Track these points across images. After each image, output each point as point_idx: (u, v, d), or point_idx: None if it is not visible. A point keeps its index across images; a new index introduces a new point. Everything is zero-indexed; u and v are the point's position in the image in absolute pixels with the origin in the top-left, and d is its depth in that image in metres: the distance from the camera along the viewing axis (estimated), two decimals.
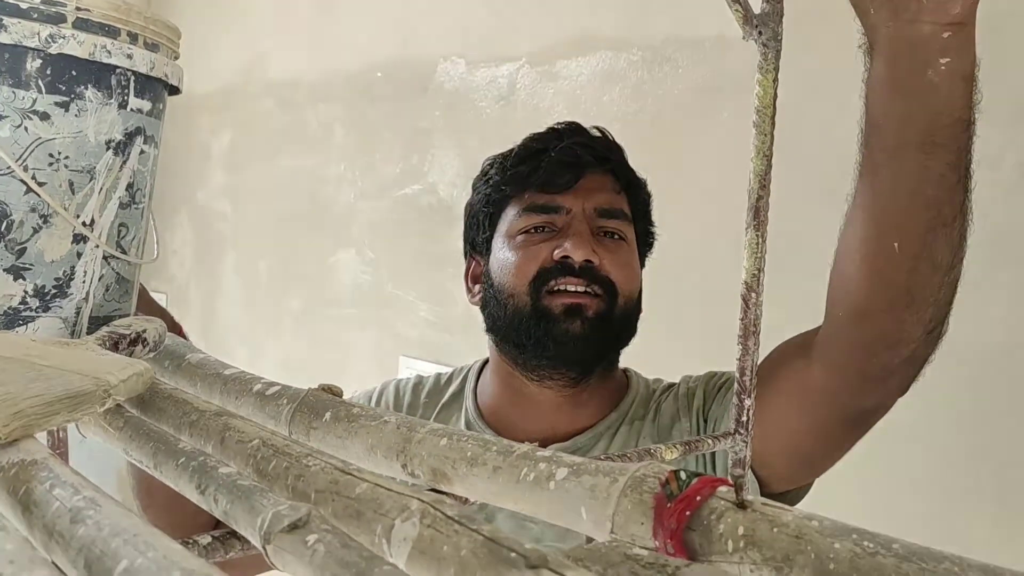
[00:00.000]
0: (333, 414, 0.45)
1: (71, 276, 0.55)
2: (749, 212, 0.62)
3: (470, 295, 1.02)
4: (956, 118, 0.63)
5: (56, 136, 0.53)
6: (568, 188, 0.92)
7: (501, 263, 0.93)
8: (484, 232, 0.98)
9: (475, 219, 1.00)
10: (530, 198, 0.93)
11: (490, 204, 0.97)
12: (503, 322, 0.93)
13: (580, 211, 0.92)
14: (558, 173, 0.92)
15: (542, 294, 0.89)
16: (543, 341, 0.89)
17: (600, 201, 0.93)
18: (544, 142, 0.95)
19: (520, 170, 0.94)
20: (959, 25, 0.60)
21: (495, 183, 0.96)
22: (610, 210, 0.94)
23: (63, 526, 0.27)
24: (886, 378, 0.75)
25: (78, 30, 0.53)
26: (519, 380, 0.95)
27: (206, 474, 0.34)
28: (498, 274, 0.94)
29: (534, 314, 0.89)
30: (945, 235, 0.67)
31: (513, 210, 0.94)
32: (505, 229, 0.95)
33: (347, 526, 0.31)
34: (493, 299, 0.94)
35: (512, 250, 0.93)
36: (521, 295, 0.90)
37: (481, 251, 0.99)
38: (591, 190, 0.93)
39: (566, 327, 0.88)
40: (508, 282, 0.92)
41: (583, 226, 0.91)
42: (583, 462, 0.35)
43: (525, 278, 0.90)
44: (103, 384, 0.40)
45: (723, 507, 0.30)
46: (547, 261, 0.90)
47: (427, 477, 0.40)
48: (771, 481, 0.87)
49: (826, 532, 0.28)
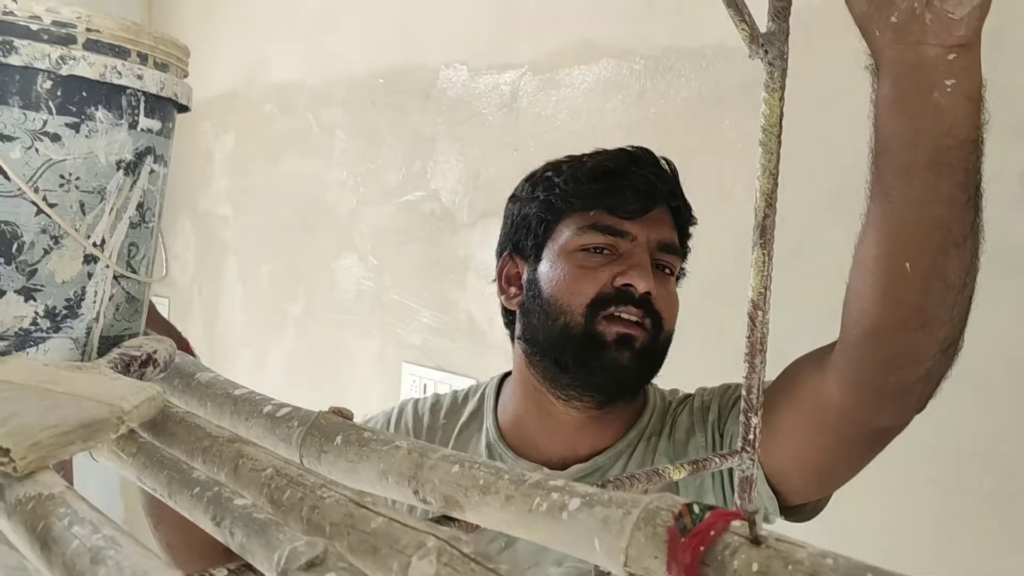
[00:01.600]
0: (344, 438, 0.46)
1: (82, 297, 0.55)
2: (755, 231, 0.62)
3: (504, 295, 0.99)
4: (964, 139, 0.63)
5: (67, 157, 0.53)
6: (637, 216, 0.91)
7: (555, 277, 0.91)
8: (535, 238, 0.95)
9: (526, 222, 0.97)
10: (596, 217, 0.91)
11: (550, 212, 0.94)
12: (547, 336, 0.91)
13: (645, 241, 0.91)
14: (631, 199, 0.91)
15: (598, 318, 0.88)
16: (590, 366, 0.89)
17: (663, 235, 0.93)
18: (618, 163, 0.93)
19: (593, 187, 0.92)
20: (964, 47, 0.60)
21: (561, 192, 0.93)
22: (670, 245, 0.93)
23: (83, 565, 0.27)
24: (902, 396, 0.75)
25: (88, 51, 0.53)
26: (545, 397, 0.94)
27: (221, 506, 0.34)
28: (549, 286, 0.91)
29: (585, 337, 0.88)
30: (956, 255, 0.67)
31: (575, 224, 0.92)
32: (563, 242, 0.92)
33: (363, 561, 0.31)
34: (540, 311, 0.92)
35: (570, 266, 0.91)
36: (575, 315, 0.89)
37: (526, 255, 0.96)
38: (656, 222, 0.92)
39: (616, 356, 0.88)
40: (563, 299, 0.90)
41: (646, 257, 0.90)
42: (596, 492, 0.36)
43: (583, 298, 0.89)
44: (117, 411, 0.40)
45: (737, 542, 0.30)
46: (607, 286, 0.89)
47: (439, 504, 0.40)
48: (789, 495, 0.87)
49: (840, 570, 0.28)
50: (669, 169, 0.97)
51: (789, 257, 1.25)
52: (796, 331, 0.85)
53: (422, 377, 1.89)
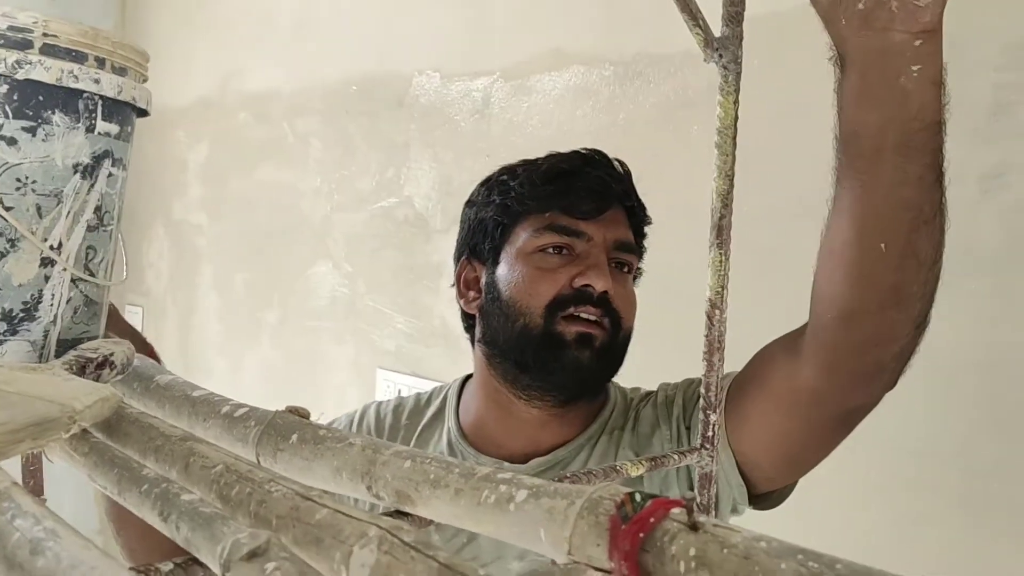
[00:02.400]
0: (300, 436, 0.46)
1: (39, 299, 0.55)
2: (712, 231, 0.63)
3: (463, 299, 1.00)
4: (930, 121, 0.65)
5: (23, 161, 0.53)
6: (592, 217, 0.91)
7: (513, 279, 0.92)
8: (492, 241, 0.95)
9: (483, 226, 0.97)
10: (552, 218, 0.92)
11: (506, 215, 0.95)
12: (507, 338, 0.91)
13: (601, 241, 0.92)
14: (586, 199, 0.91)
15: (557, 319, 0.89)
16: (550, 366, 0.89)
17: (619, 234, 0.93)
18: (572, 164, 0.94)
19: (547, 189, 0.92)
20: (929, 32, 0.61)
21: (517, 195, 0.94)
22: (627, 244, 0.94)
23: (23, 557, 0.27)
24: (877, 375, 0.76)
25: (45, 56, 0.53)
26: (506, 396, 0.95)
27: (168, 501, 0.35)
28: (508, 289, 0.92)
29: (545, 337, 0.89)
30: (927, 232, 0.68)
31: (531, 226, 0.93)
32: (520, 244, 0.93)
33: (307, 553, 0.31)
34: (499, 313, 0.92)
35: (528, 268, 0.91)
36: (534, 316, 0.89)
37: (484, 259, 0.97)
38: (612, 222, 0.93)
39: (577, 355, 0.88)
40: (521, 301, 0.90)
41: (603, 257, 0.91)
42: (543, 484, 0.36)
43: (542, 299, 0.89)
44: (68, 410, 0.40)
45: (676, 528, 0.31)
46: (565, 287, 0.89)
47: (391, 499, 0.41)
48: (758, 482, 0.88)
49: (773, 553, 0.29)
50: (622, 170, 0.97)
51: (762, 261, 1.26)
52: (769, 332, 0.86)
53: (396, 383, 1.89)
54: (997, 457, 1.09)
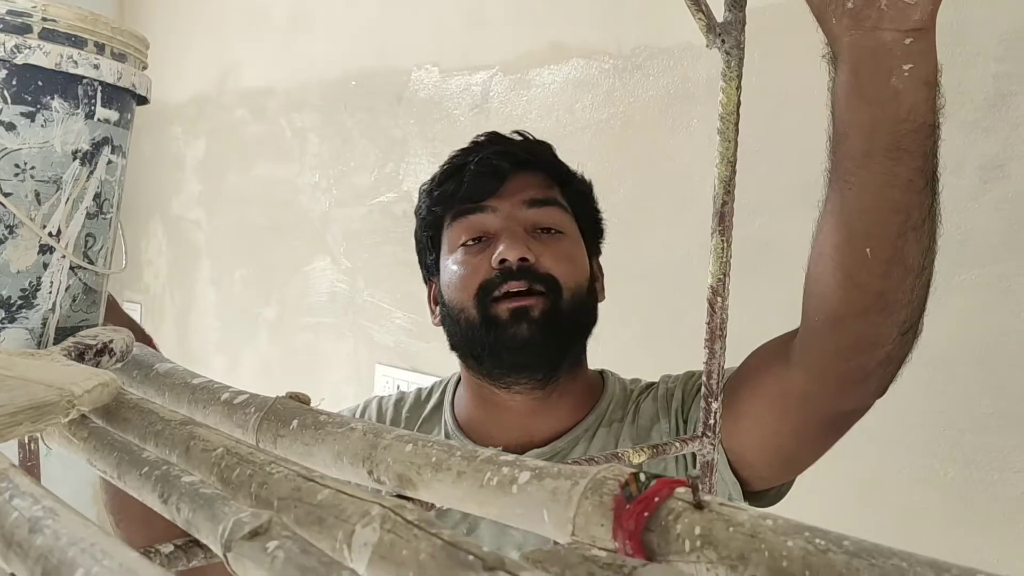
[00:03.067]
0: (300, 422, 0.46)
1: (37, 287, 0.55)
2: (714, 218, 0.63)
3: (433, 317, 1.03)
4: (921, 123, 0.64)
5: (22, 146, 0.53)
6: (493, 194, 0.93)
7: (448, 280, 0.95)
8: (431, 255, 1.00)
9: (421, 244, 1.03)
10: (459, 210, 0.95)
11: (428, 227, 1.00)
12: (459, 337, 0.94)
13: (509, 210, 0.93)
14: (480, 182, 0.94)
15: (488, 304, 0.90)
16: (496, 349, 0.90)
17: (529, 194, 0.94)
18: (464, 156, 0.98)
19: (445, 188, 0.96)
20: (920, 31, 0.61)
21: (427, 206, 0.99)
22: (540, 199, 0.95)
23: (21, 536, 0.27)
24: (864, 380, 0.76)
25: (44, 40, 0.53)
26: (488, 390, 0.96)
27: (169, 483, 0.34)
28: (448, 291, 0.95)
29: (483, 324, 0.90)
30: (915, 238, 0.68)
31: (448, 227, 0.97)
32: (446, 247, 0.97)
33: (309, 532, 0.31)
34: (448, 316, 0.96)
35: (454, 265, 0.94)
36: (469, 308, 0.92)
37: (434, 274, 1.01)
38: (518, 189, 0.94)
39: (513, 332, 0.89)
40: (456, 297, 0.93)
41: (515, 226, 0.92)
42: (546, 466, 0.36)
43: (470, 291, 0.92)
44: (67, 395, 0.40)
45: (680, 508, 0.31)
46: (487, 272, 0.91)
47: (393, 483, 0.40)
48: (752, 481, 0.88)
49: (779, 530, 0.29)
50: (523, 139, 1.00)
51: (759, 252, 1.26)
52: (767, 323, 0.86)
53: (395, 378, 1.89)
54: (995, 449, 1.09)
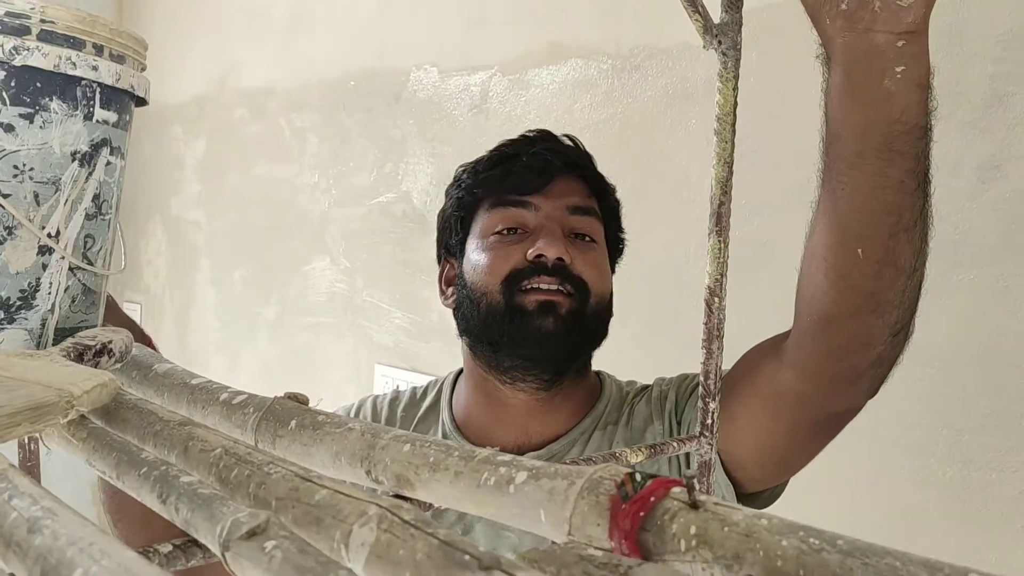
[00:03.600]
0: (299, 422, 0.46)
1: (36, 288, 0.55)
2: (711, 218, 0.63)
3: (443, 297, 1.02)
4: (913, 125, 0.64)
5: (21, 148, 0.53)
6: (539, 191, 0.93)
7: (474, 264, 0.94)
8: (457, 235, 0.99)
9: (448, 223, 1.01)
10: (500, 198, 0.95)
11: (462, 208, 0.98)
12: (476, 321, 0.93)
13: (552, 210, 0.93)
14: (529, 176, 0.93)
15: (515, 292, 0.90)
16: (517, 338, 0.89)
17: (572, 200, 0.95)
18: (515, 147, 0.97)
19: (492, 174, 0.95)
20: (913, 34, 0.61)
21: (467, 187, 0.98)
22: (582, 207, 0.95)
23: (20, 536, 0.27)
24: (855, 381, 0.77)
25: (43, 42, 0.53)
26: (492, 384, 0.95)
27: (167, 483, 0.34)
28: (471, 274, 0.94)
29: (507, 311, 0.89)
30: (907, 239, 0.68)
31: (485, 212, 0.96)
32: (478, 231, 0.96)
33: (306, 532, 0.31)
34: (467, 299, 0.94)
35: (485, 251, 0.93)
36: (494, 293, 0.90)
37: (454, 254, 1.00)
38: (562, 191, 0.94)
39: (539, 323, 0.88)
40: (481, 281, 0.92)
41: (555, 226, 0.92)
42: (542, 466, 0.36)
43: (498, 277, 0.91)
44: (66, 395, 0.40)
45: (676, 507, 0.31)
46: (520, 261, 0.90)
47: (391, 483, 0.41)
48: (745, 482, 0.88)
49: (774, 530, 0.29)
50: (572, 143, 1.00)
51: (756, 252, 1.26)
52: (763, 323, 0.86)
53: (395, 378, 1.89)
54: (993, 449, 1.09)
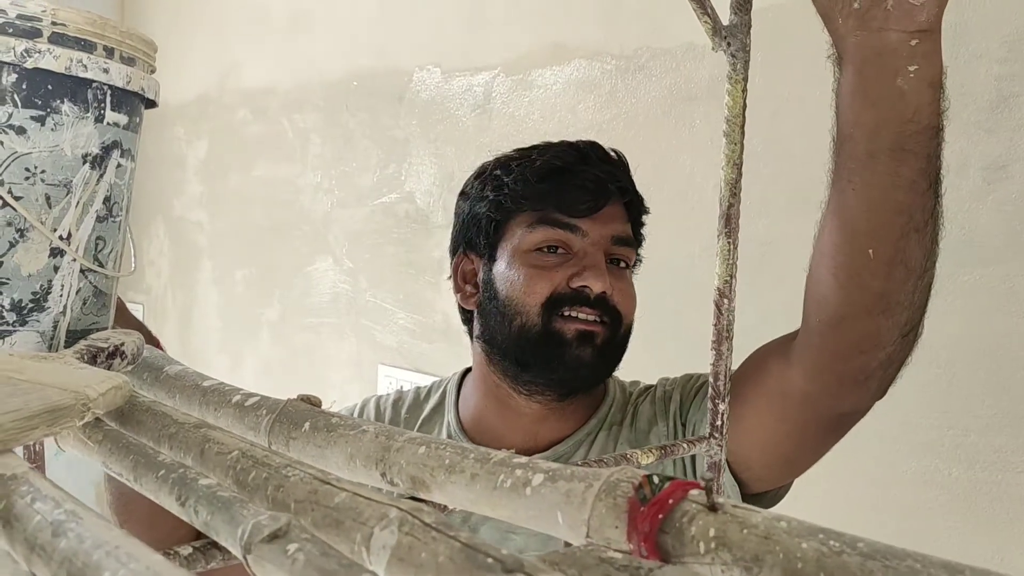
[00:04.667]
0: (312, 424, 0.46)
1: (48, 290, 0.55)
2: (720, 220, 0.63)
3: (459, 294, 0.98)
4: (925, 124, 0.64)
5: (32, 150, 0.53)
6: (589, 214, 0.90)
7: (510, 278, 0.91)
8: (487, 237, 0.94)
9: (476, 221, 0.95)
10: (548, 215, 0.90)
11: (500, 211, 0.93)
12: (505, 337, 0.91)
13: (598, 238, 0.90)
14: (581, 198, 0.89)
15: (554, 317, 0.88)
16: (552, 364, 0.89)
17: (616, 230, 0.92)
18: (566, 161, 0.92)
19: (542, 187, 0.90)
20: (926, 32, 0.61)
21: (511, 192, 0.92)
22: (624, 238, 0.93)
23: (44, 539, 0.27)
24: (864, 381, 0.76)
25: (54, 45, 0.53)
26: (505, 391, 0.94)
27: (186, 486, 0.35)
28: (505, 287, 0.91)
29: (544, 336, 0.88)
30: (918, 240, 0.68)
31: (526, 223, 0.91)
32: (516, 242, 0.91)
33: (327, 535, 0.31)
34: (497, 312, 0.91)
35: (524, 267, 0.90)
36: (531, 315, 0.88)
37: (480, 253, 0.95)
38: (609, 217, 0.91)
39: (578, 353, 0.88)
40: (517, 299, 0.89)
41: (600, 256, 0.90)
42: (559, 468, 0.36)
43: (537, 298, 0.88)
44: (82, 398, 0.40)
45: (695, 510, 0.31)
46: (562, 286, 0.88)
47: (406, 485, 0.41)
48: (751, 482, 0.88)
49: (794, 532, 0.29)
50: (620, 161, 0.96)
51: (762, 252, 1.26)
52: (769, 324, 0.86)
53: (398, 379, 1.89)
54: (999, 450, 1.09)
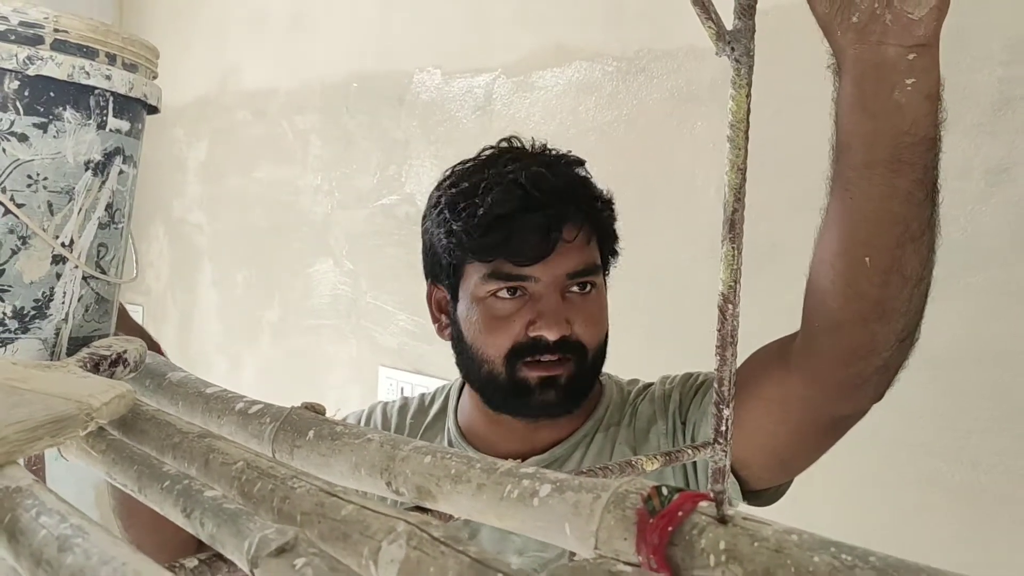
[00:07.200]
0: (316, 432, 0.46)
1: (50, 297, 0.55)
2: (725, 225, 0.63)
3: (437, 324, 0.99)
4: (922, 136, 0.65)
5: (35, 157, 0.53)
6: (538, 260, 0.88)
7: (472, 325, 0.91)
8: (448, 278, 0.94)
9: (437, 257, 0.94)
10: (497, 266, 0.88)
11: (453, 256, 0.91)
12: (476, 379, 0.93)
13: (551, 280, 0.88)
14: (528, 246, 0.87)
15: (518, 367, 0.89)
16: (519, 408, 0.91)
17: (572, 266, 0.89)
18: (509, 206, 0.87)
19: (486, 240, 0.87)
20: (923, 47, 0.61)
21: (459, 242, 0.89)
22: (583, 271, 0.91)
23: (51, 554, 0.27)
24: (861, 386, 0.77)
25: (56, 52, 0.53)
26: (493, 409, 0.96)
27: (191, 498, 0.34)
28: (469, 334, 0.92)
29: (509, 384, 0.89)
30: (914, 249, 0.68)
31: (479, 272, 0.90)
32: (472, 288, 0.91)
33: (334, 548, 0.31)
34: (466, 354, 0.93)
35: (484, 315, 0.90)
36: (496, 365, 0.90)
37: (445, 288, 0.96)
38: (563, 255, 0.89)
39: (543, 399, 0.89)
40: (482, 349, 0.90)
41: (554, 297, 0.88)
42: (566, 478, 0.36)
43: (500, 350, 0.89)
44: (86, 407, 0.40)
45: (704, 522, 0.31)
46: (521, 336, 0.88)
47: (412, 495, 0.40)
48: (750, 480, 0.88)
49: (805, 546, 0.29)
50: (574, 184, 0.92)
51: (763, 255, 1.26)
52: (770, 327, 0.86)
53: (399, 380, 1.89)
54: (1000, 452, 1.09)
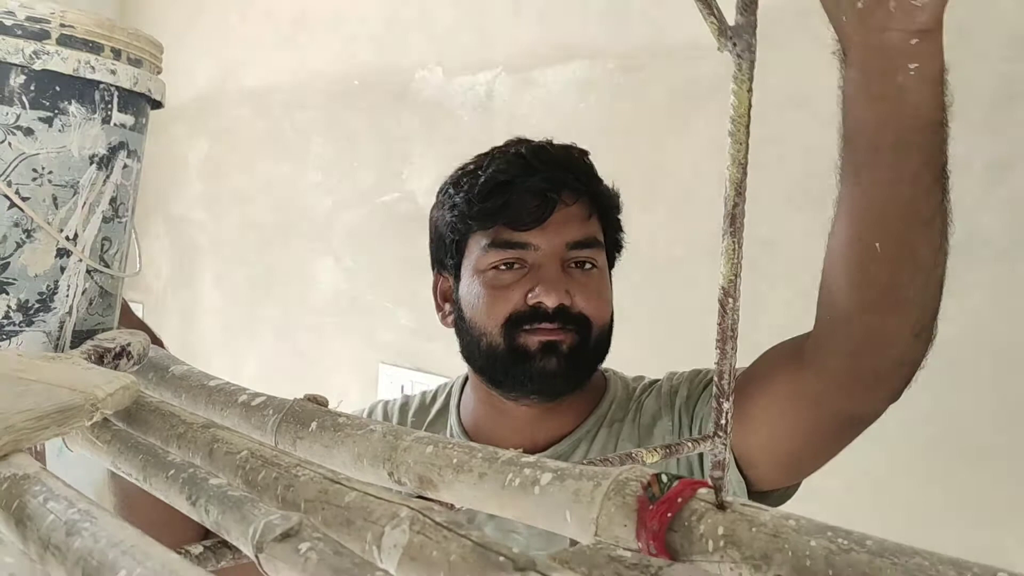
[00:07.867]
0: (319, 424, 0.46)
1: (54, 290, 0.55)
2: (725, 219, 0.63)
3: (440, 313, 1.00)
4: (928, 120, 0.65)
5: (40, 151, 0.53)
6: (537, 225, 0.89)
7: (472, 299, 0.92)
8: (452, 257, 0.95)
9: (441, 240, 0.97)
10: (496, 233, 0.90)
11: (456, 231, 0.93)
12: (478, 356, 0.93)
13: (550, 248, 0.90)
14: (527, 210, 0.89)
15: (516, 334, 0.89)
16: (520, 379, 0.90)
17: (571, 235, 0.91)
18: (510, 173, 0.90)
19: (486, 206, 0.90)
20: (926, 32, 0.62)
21: (461, 213, 0.92)
22: (582, 241, 0.92)
23: (59, 539, 0.27)
24: (876, 382, 0.76)
25: (62, 46, 0.53)
26: (496, 399, 0.96)
27: (196, 485, 0.35)
28: (469, 309, 0.92)
29: (509, 354, 0.89)
30: (925, 234, 0.68)
31: (481, 242, 0.91)
32: (473, 263, 0.92)
33: (338, 534, 0.31)
34: (466, 332, 0.93)
35: (482, 287, 0.91)
36: (494, 335, 0.90)
37: (449, 272, 0.97)
38: (562, 223, 0.90)
39: (543, 364, 0.89)
40: (480, 321, 0.91)
41: (554, 266, 0.89)
42: (567, 467, 0.36)
43: (497, 320, 0.89)
44: (91, 398, 0.40)
45: (703, 508, 0.31)
46: (519, 304, 0.89)
47: (414, 484, 0.41)
48: (758, 482, 0.88)
49: (802, 530, 0.29)
50: (573, 159, 0.94)
51: (762, 249, 1.27)
52: (771, 321, 0.87)
53: (399, 378, 1.89)
54: (1006, 449, 1.09)
